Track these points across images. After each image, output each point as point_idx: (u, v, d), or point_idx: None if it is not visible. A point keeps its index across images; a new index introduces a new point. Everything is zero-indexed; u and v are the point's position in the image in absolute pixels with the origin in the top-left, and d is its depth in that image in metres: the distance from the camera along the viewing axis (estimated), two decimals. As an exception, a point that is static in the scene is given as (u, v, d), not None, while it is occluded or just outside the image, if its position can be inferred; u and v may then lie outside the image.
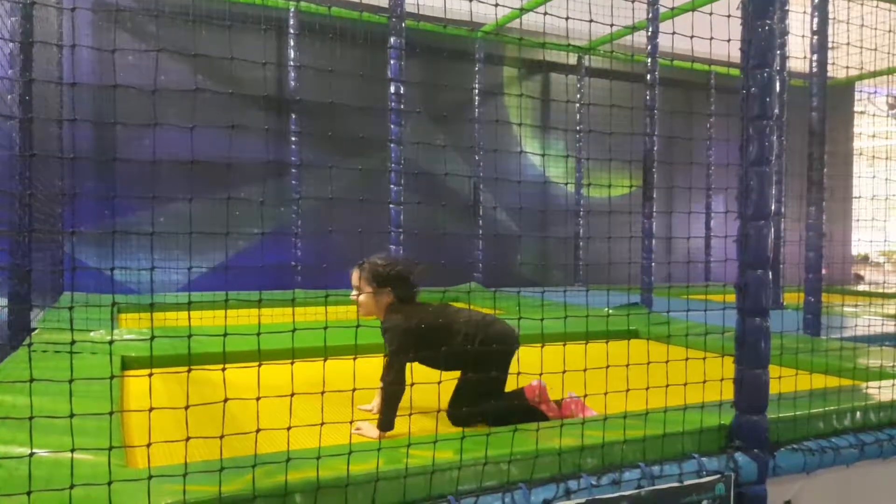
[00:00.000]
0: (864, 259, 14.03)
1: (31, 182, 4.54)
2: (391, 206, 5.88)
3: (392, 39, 5.78)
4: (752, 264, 2.56)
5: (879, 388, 3.21)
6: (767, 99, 2.58)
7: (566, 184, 10.20)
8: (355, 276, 2.67)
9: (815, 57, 5.62)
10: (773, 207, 2.64)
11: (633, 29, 6.71)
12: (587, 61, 10.34)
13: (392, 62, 5.80)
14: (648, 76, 7.06)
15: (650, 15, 6.99)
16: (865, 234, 10.85)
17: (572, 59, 10.36)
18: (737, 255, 2.61)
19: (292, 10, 8.41)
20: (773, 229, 2.62)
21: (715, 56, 2.77)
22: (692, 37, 2.75)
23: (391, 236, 5.88)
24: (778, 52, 2.68)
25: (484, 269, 9.37)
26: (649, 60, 7.08)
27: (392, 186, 5.89)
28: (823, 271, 5.42)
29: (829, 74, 5.86)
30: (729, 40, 2.73)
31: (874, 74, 10.70)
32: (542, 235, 9.85)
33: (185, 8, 7.66)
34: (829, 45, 5.60)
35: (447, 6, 8.00)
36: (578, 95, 10.26)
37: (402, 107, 5.82)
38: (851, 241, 12.00)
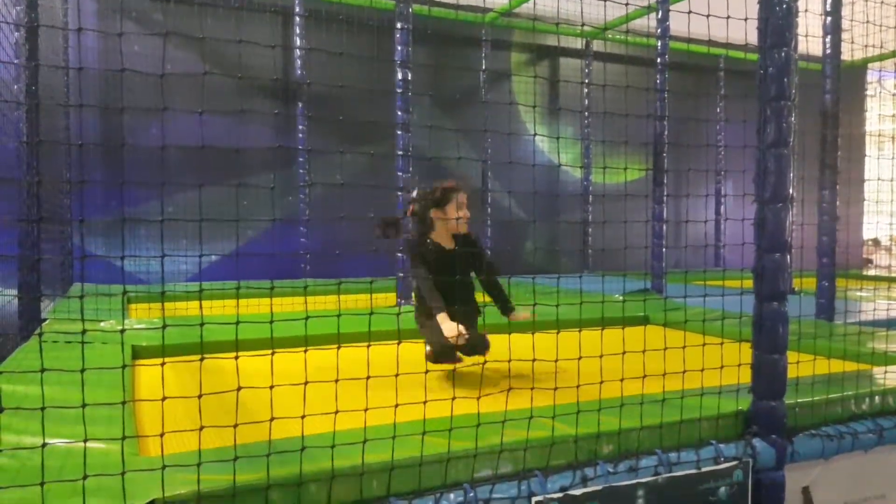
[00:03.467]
0: (875, 242, 13.92)
1: (39, 172, 4.52)
2: (399, 193, 5.84)
3: (399, 25, 5.72)
4: (770, 248, 2.51)
5: (898, 372, 3.16)
6: (785, 79, 2.53)
7: (581, 167, 10.12)
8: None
9: (828, 38, 5.52)
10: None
11: (649, 9, 6.62)
12: (595, 45, 10.24)
13: (399, 48, 5.74)
14: (658, 59, 6.98)
15: (659, -3, 6.89)
16: (875, 218, 10.76)
17: (579, 44, 10.26)
18: (754, 239, 2.56)
19: (298, -4, 8.34)
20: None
21: (720, 38, 2.71)
22: (708, 15, 2.70)
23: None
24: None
25: (492, 256, 9.33)
26: (659, 44, 6.99)
27: (399, 173, 5.85)
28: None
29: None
30: (746, 19, 2.67)
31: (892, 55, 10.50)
32: (556, 220, 9.79)
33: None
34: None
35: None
36: (586, 80, 10.16)
37: (409, 93, 5.76)
38: (862, 224, 11.90)
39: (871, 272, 11.17)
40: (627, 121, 2.93)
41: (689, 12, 2.71)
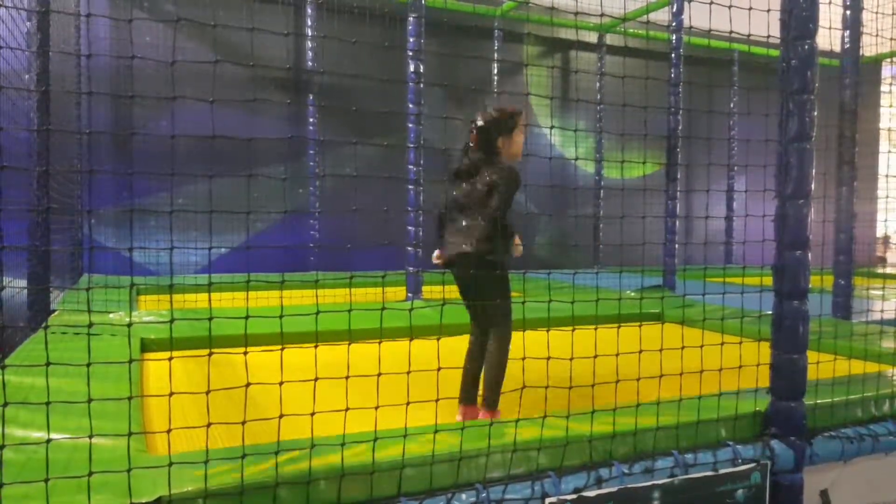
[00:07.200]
0: (885, 240, 13.77)
1: (49, 161, 4.50)
2: (409, 186, 5.80)
3: (411, 16, 5.67)
4: (791, 245, 2.45)
5: (919, 373, 3.09)
6: (808, 72, 2.46)
7: (593, 160, 10.04)
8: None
9: (847, 33, 5.42)
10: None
11: (666, 2, 6.52)
12: (609, 39, 10.15)
13: (411, 39, 5.69)
14: (673, 53, 6.89)
15: (675, -10, 6.79)
16: (891, 215, 10.62)
17: (592, 38, 10.17)
18: (774, 236, 2.50)
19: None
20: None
21: (735, 31, 2.64)
22: (730, 6, 2.63)
23: (409, 216, 5.81)
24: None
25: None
26: (674, 37, 6.91)
27: (410, 166, 5.81)
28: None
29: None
30: (769, 10, 2.60)
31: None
32: (568, 214, 9.71)
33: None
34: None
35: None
36: (599, 74, 10.07)
37: (421, 84, 5.72)
38: (876, 221, 11.76)
39: (886, 270, 11.03)
40: (641, 115, 2.86)
41: (711, 2, 2.64)
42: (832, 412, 2.65)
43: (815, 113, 2.50)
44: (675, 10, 6.82)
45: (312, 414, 1.88)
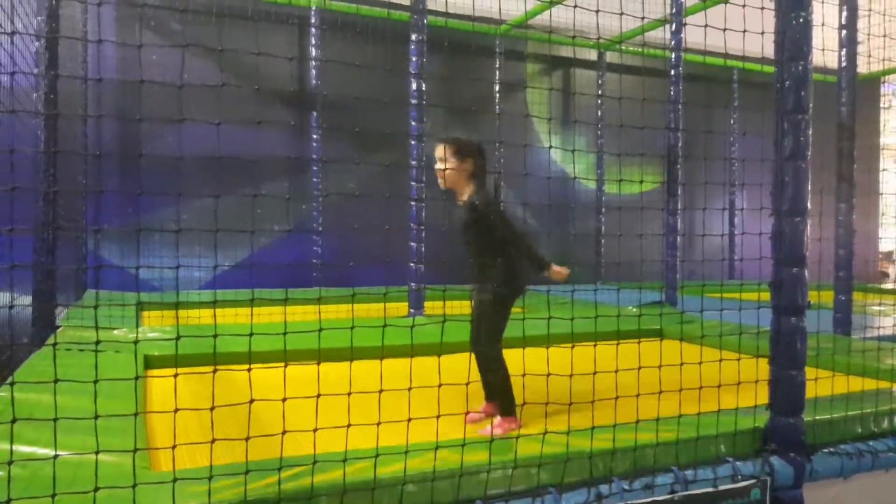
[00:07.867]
0: (888, 256, 13.75)
1: (56, 180, 4.55)
2: (412, 202, 5.85)
3: (413, 36, 5.74)
4: (788, 261, 2.48)
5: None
6: (802, 92, 2.51)
7: (594, 179, 10.08)
8: (440, 149, 2.94)
9: (843, 51, 5.48)
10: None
11: (665, 22, 6.59)
12: (609, 57, 10.23)
13: (413, 59, 5.76)
14: (672, 71, 6.95)
15: (674, 9, 6.86)
16: (890, 230, 10.63)
17: (592, 56, 10.25)
18: (772, 253, 2.53)
19: (314, 7, 8.37)
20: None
21: (735, 50, 2.69)
22: (725, 29, 2.67)
23: (411, 232, 5.86)
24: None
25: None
26: (673, 56, 6.97)
27: (412, 183, 5.86)
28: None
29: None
30: (762, 32, 2.64)
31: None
32: (569, 231, 9.74)
33: (209, 6, 7.67)
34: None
35: (469, 2, 7.94)
36: (599, 91, 10.14)
37: (423, 103, 5.78)
38: (877, 237, 11.76)
39: (890, 286, 11.03)
40: (641, 133, 2.91)
41: (706, 25, 2.69)
42: (831, 428, 2.66)
43: (810, 132, 2.54)
44: (673, 28, 6.89)
45: (315, 430, 1.90)
